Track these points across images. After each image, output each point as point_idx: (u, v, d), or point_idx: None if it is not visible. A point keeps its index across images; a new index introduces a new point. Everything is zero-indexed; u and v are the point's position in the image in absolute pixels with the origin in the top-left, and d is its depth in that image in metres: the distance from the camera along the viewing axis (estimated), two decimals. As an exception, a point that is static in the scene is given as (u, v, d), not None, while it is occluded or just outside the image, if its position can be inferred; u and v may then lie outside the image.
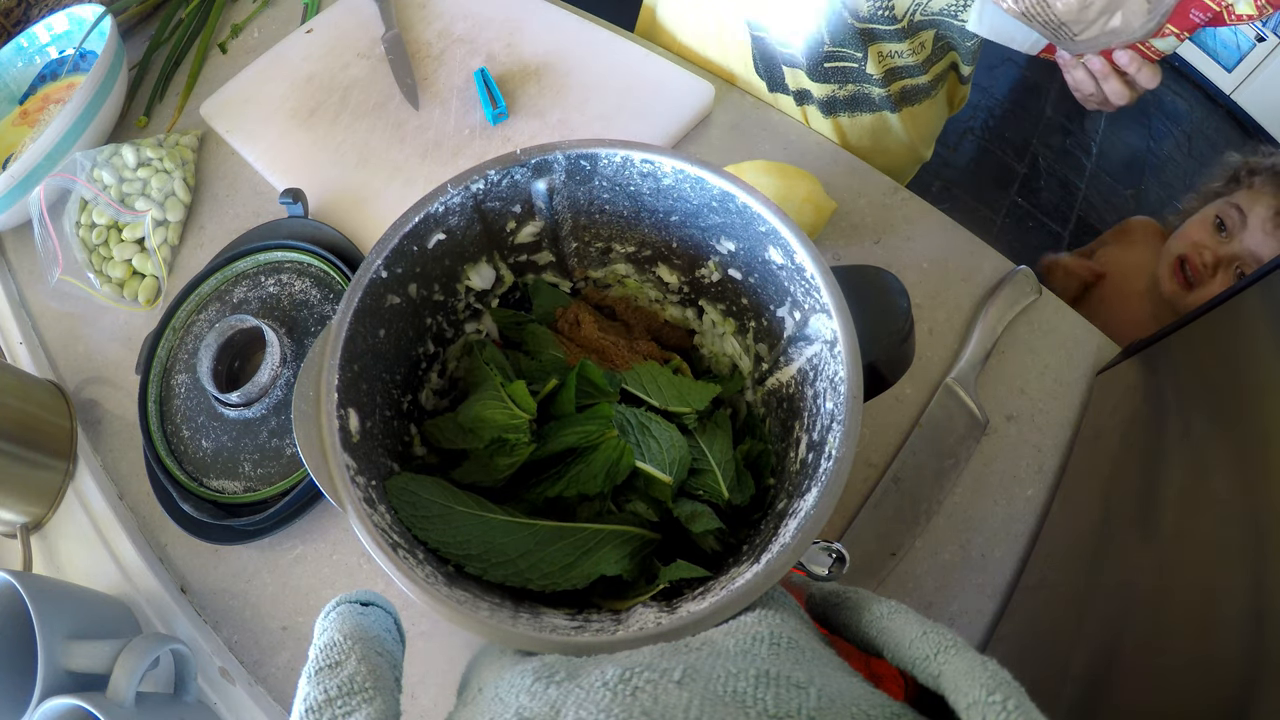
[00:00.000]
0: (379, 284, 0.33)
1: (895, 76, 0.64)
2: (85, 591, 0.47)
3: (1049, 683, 0.37)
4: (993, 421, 0.51)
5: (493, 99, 0.63)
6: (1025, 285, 0.54)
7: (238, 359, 0.54)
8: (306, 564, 0.50)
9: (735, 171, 0.54)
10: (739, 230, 0.36)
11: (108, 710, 0.37)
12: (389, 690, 0.23)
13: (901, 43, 0.60)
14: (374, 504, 0.29)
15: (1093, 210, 1.64)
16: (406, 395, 0.38)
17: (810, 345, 0.34)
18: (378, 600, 0.27)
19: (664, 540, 0.35)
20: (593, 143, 0.35)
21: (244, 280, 0.56)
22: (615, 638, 0.25)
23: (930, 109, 0.69)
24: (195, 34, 0.76)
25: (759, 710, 0.17)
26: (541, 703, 0.19)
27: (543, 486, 0.35)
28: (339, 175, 0.62)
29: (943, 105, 0.72)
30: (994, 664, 0.19)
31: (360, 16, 0.72)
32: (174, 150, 0.64)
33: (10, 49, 0.71)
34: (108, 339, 0.60)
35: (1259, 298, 0.36)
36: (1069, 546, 0.44)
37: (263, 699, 0.46)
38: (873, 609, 0.24)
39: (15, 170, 0.58)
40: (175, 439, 0.52)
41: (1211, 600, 0.30)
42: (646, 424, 0.35)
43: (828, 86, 0.64)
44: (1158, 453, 0.40)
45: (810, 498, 0.28)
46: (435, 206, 0.34)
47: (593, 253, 0.42)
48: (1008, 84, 1.85)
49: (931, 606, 0.46)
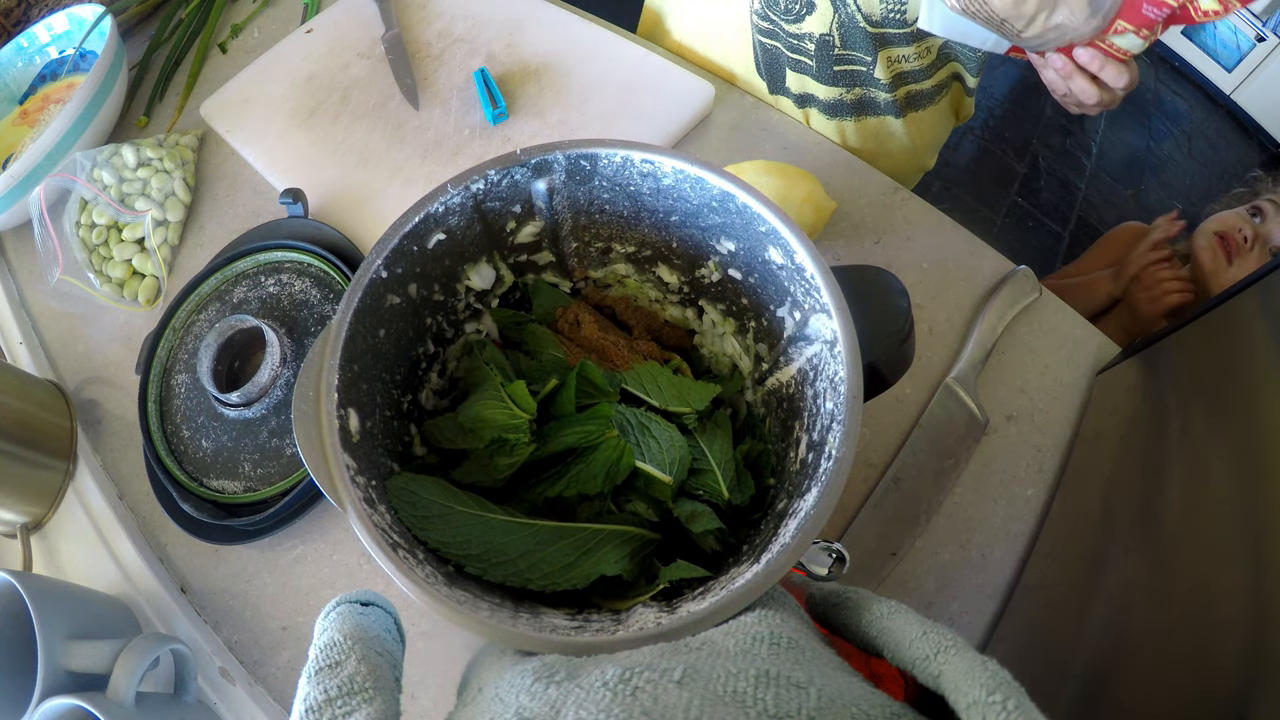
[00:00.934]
0: (379, 284, 0.33)
1: (902, 81, 0.64)
2: (85, 591, 0.47)
3: (1049, 683, 0.37)
4: (993, 421, 0.51)
5: (493, 99, 0.63)
6: (1025, 285, 0.54)
7: (238, 359, 0.54)
8: (306, 564, 0.50)
9: (735, 171, 0.54)
10: (739, 230, 0.36)
11: (108, 710, 0.37)
12: (389, 690, 0.23)
13: (909, 46, 0.60)
14: (374, 504, 0.29)
15: (1093, 210, 1.64)
16: (406, 395, 0.38)
17: (810, 345, 0.34)
18: (378, 600, 0.27)
19: (664, 540, 0.35)
20: (593, 143, 0.35)
21: (244, 280, 0.56)
22: (615, 638, 0.25)
23: (934, 116, 0.69)
24: (195, 34, 0.76)
25: (759, 710, 0.17)
26: (541, 703, 0.19)
27: (543, 486, 0.35)
28: (339, 175, 0.62)
29: (947, 114, 0.71)
30: (994, 664, 0.19)
31: (360, 16, 0.72)
32: (174, 150, 0.64)
33: (10, 49, 0.71)
34: (108, 339, 0.60)
35: (1258, 298, 0.36)
36: (1069, 546, 0.44)
37: (263, 699, 0.46)
38: (873, 609, 0.24)
39: (15, 170, 0.58)
40: (175, 439, 0.52)
41: (1211, 600, 0.30)
42: (646, 424, 0.35)
43: (835, 90, 0.64)
44: (1158, 452, 0.40)
45: (810, 498, 0.28)
46: (435, 206, 0.34)
47: (593, 253, 0.42)
48: (1008, 84, 1.85)
49: (931, 606, 0.46)
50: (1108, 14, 0.42)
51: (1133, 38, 0.43)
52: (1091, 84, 0.47)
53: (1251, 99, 1.74)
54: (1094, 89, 0.47)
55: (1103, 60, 0.45)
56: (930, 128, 0.70)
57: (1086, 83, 0.47)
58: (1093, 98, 0.48)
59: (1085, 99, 0.48)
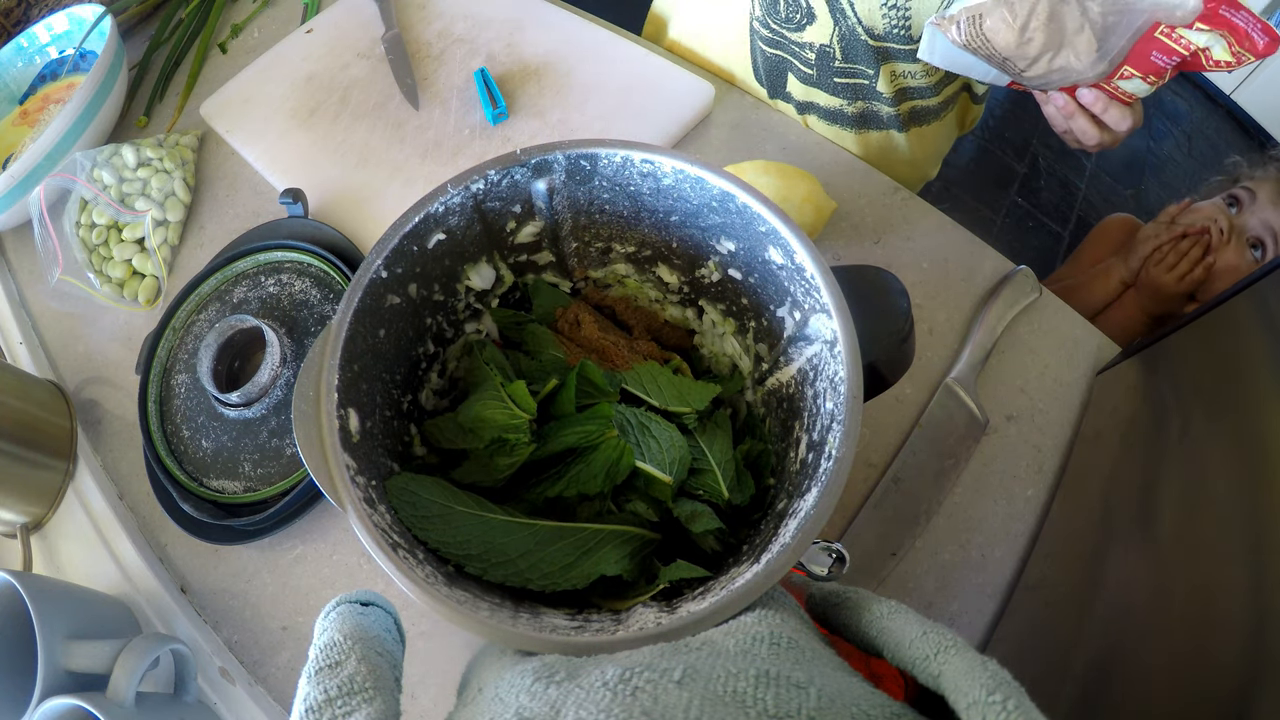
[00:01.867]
0: (379, 284, 0.33)
1: (906, 97, 0.63)
2: (85, 591, 0.47)
3: (1049, 683, 0.37)
4: (993, 421, 0.51)
5: (493, 99, 0.63)
6: (1025, 285, 0.54)
7: (238, 359, 0.54)
8: (306, 564, 0.50)
9: (735, 171, 0.54)
10: (739, 230, 0.36)
11: (108, 710, 0.37)
12: (389, 690, 0.23)
13: (915, 64, 0.59)
14: (374, 504, 0.29)
15: (1093, 210, 1.64)
16: (406, 395, 0.38)
17: (810, 345, 0.34)
18: (378, 600, 0.27)
19: (664, 540, 0.35)
20: (593, 143, 0.36)
21: (244, 280, 0.56)
22: (615, 638, 0.25)
23: (939, 130, 0.69)
24: (195, 34, 0.76)
25: (759, 710, 0.17)
26: (541, 703, 0.19)
27: (543, 486, 0.35)
28: (339, 175, 0.62)
29: (952, 126, 0.71)
30: (994, 664, 0.19)
31: (360, 16, 0.72)
32: (174, 150, 0.64)
33: (10, 49, 0.71)
34: (108, 339, 0.60)
35: (1258, 298, 0.36)
36: (1069, 546, 0.44)
37: (263, 699, 0.46)
38: (873, 609, 0.24)
39: (15, 170, 0.58)
40: (175, 439, 0.52)
41: (1211, 600, 0.30)
42: (646, 424, 0.35)
43: (836, 100, 0.63)
44: (1158, 453, 0.40)
45: (810, 498, 0.28)
46: (435, 206, 0.34)
47: (593, 253, 0.42)
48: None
49: (931, 606, 0.46)
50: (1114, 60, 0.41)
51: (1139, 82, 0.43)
52: (1093, 124, 0.46)
53: (1251, 99, 1.74)
54: (1095, 130, 0.46)
55: (1106, 102, 0.45)
56: (934, 141, 0.70)
57: (1088, 123, 0.46)
58: (1093, 138, 0.47)
59: (1085, 139, 0.47)
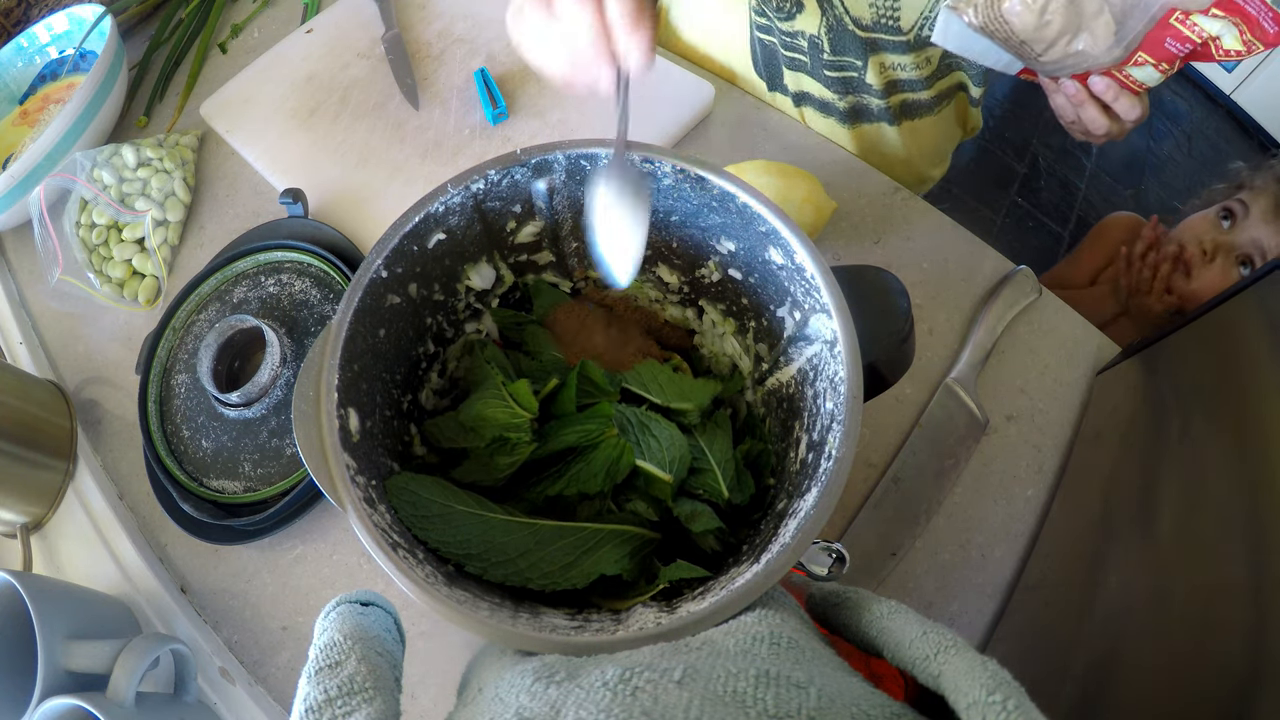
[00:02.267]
0: (379, 284, 0.33)
1: (896, 89, 0.63)
2: (85, 591, 0.47)
3: (1049, 683, 0.37)
4: (993, 421, 0.51)
5: (493, 99, 0.63)
6: (1025, 285, 0.54)
7: (238, 359, 0.54)
8: (306, 564, 0.50)
9: (735, 171, 0.54)
10: (739, 230, 0.36)
11: (108, 710, 0.37)
12: (389, 690, 0.23)
13: (906, 55, 0.59)
14: (374, 504, 0.29)
15: (1093, 210, 1.64)
16: (406, 395, 0.38)
17: (810, 345, 0.34)
18: (378, 600, 0.27)
19: (664, 540, 0.35)
20: (593, 143, 0.36)
21: (244, 280, 0.56)
22: (615, 638, 0.25)
23: (934, 126, 0.68)
24: (195, 34, 0.76)
25: (759, 710, 0.17)
26: (541, 703, 0.19)
27: (543, 485, 0.35)
28: (339, 175, 0.62)
29: (950, 125, 0.71)
30: (994, 664, 0.19)
31: (360, 16, 0.72)
32: (174, 150, 0.64)
33: (10, 49, 0.71)
34: (108, 339, 0.60)
35: (1258, 298, 0.36)
36: (1069, 546, 0.44)
37: (263, 699, 0.46)
38: (873, 609, 0.24)
39: (15, 170, 0.58)
40: (175, 439, 0.52)
41: (1211, 600, 0.30)
42: (647, 423, 0.35)
43: (829, 93, 0.64)
44: (1158, 453, 0.40)
45: (810, 498, 0.28)
46: (435, 206, 0.34)
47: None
48: (1008, 84, 1.85)
49: (931, 606, 0.46)
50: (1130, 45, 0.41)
51: (1151, 70, 0.43)
52: (1102, 114, 0.46)
53: (1251, 99, 1.74)
54: (1104, 119, 0.47)
55: (1117, 90, 0.45)
56: (929, 138, 0.70)
57: (1098, 112, 0.46)
58: (1101, 128, 0.47)
59: (1094, 128, 0.48)
